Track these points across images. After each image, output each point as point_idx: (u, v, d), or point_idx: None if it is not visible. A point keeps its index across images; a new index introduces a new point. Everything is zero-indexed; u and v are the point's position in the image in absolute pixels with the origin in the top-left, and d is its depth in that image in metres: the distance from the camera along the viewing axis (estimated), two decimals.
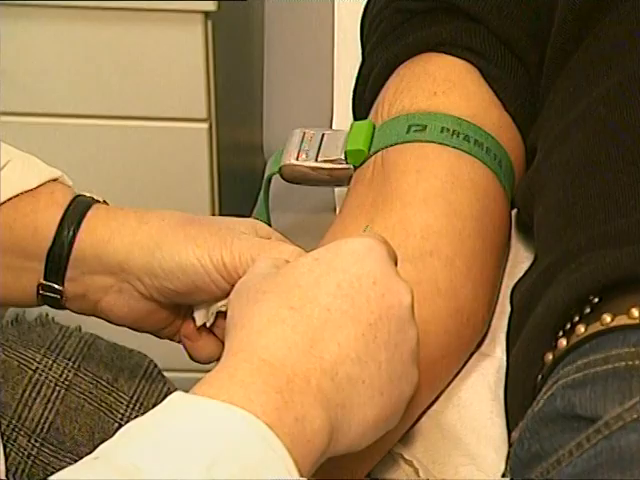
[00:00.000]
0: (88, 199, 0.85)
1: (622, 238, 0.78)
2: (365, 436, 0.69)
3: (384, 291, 0.69)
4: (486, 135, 0.90)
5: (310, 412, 0.65)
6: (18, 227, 0.83)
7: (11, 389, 0.89)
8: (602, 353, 0.75)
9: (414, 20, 0.95)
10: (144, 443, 0.60)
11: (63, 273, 0.82)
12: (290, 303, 0.68)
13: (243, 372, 0.65)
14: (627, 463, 0.70)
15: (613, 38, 0.88)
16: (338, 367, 0.67)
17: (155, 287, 0.82)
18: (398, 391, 0.70)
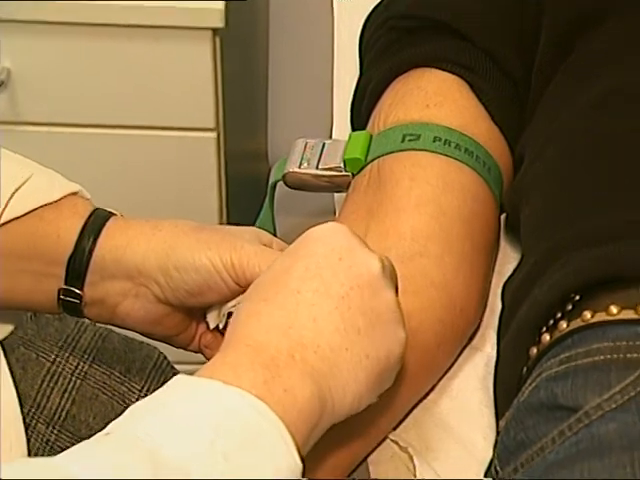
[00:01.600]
0: (106, 212, 0.85)
1: (601, 238, 0.78)
2: (363, 398, 0.70)
3: (350, 264, 0.70)
4: (476, 144, 0.90)
5: (298, 383, 0.65)
6: (41, 235, 0.83)
7: (30, 380, 0.89)
8: (583, 347, 0.75)
9: (407, 38, 0.96)
10: (152, 420, 0.61)
11: (83, 278, 0.82)
12: (264, 296, 0.70)
13: (231, 357, 0.66)
14: (606, 450, 0.70)
15: (594, 54, 0.88)
16: (318, 340, 0.67)
17: (170, 288, 0.82)
18: (385, 351, 0.70)
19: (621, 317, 0.75)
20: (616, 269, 0.76)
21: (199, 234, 0.82)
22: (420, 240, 0.86)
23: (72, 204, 0.85)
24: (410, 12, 0.97)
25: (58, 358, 0.90)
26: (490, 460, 0.79)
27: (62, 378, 0.89)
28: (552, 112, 0.89)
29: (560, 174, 0.85)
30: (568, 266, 0.78)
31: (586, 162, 0.84)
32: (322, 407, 0.66)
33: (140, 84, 1.26)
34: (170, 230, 0.83)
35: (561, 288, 0.78)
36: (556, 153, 0.86)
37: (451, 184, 0.89)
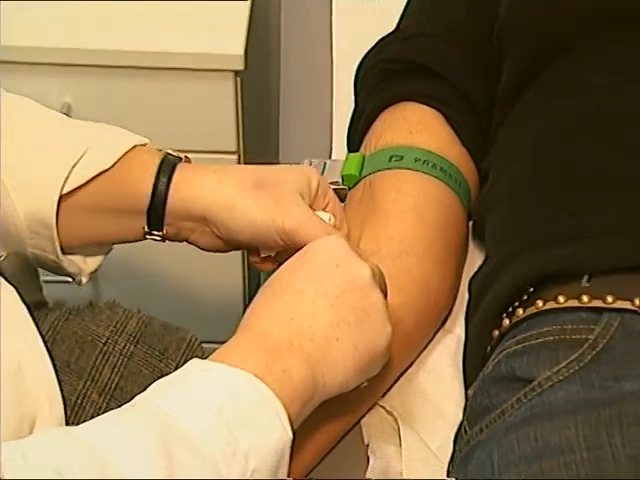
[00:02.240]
0: (172, 162, 0.82)
1: (549, 242, 0.78)
2: (350, 380, 0.70)
3: (345, 270, 0.70)
4: (449, 164, 0.90)
5: (294, 365, 0.65)
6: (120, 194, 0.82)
7: (86, 358, 0.88)
8: (536, 330, 0.75)
9: (394, 77, 0.95)
10: (169, 395, 0.62)
11: (161, 222, 0.82)
12: (273, 292, 0.70)
13: (240, 342, 0.67)
14: (555, 414, 0.70)
15: (552, 88, 0.88)
16: (314, 330, 0.67)
17: (228, 235, 0.81)
18: (371, 343, 0.70)
19: (567, 305, 0.74)
20: (562, 267, 0.76)
21: (258, 194, 0.80)
22: (405, 242, 0.86)
23: (139, 161, 0.82)
24: (396, 57, 0.96)
25: (109, 340, 0.89)
26: (460, 422, 0.79)
27: (112, 357, 0.88)
28: (512, 138, 0.89)
29: (517, 192, 0.85)
30: (524, 265, 0.78)
31: (538, 181, 0.83)
32: (314, 386, 0.67)
33: (176, 115, 1.25)
34: (232, 187, 0.80)
35: (518, 282, 0.78)
36: (516, 173, 0.86)
37: (429, 196, 0.88)
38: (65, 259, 0.83)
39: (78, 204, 0.81)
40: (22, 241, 0.81)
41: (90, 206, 0.82)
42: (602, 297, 0.73)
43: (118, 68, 1.20)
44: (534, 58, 0.89)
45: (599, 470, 0.66)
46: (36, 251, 0.81)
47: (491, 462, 0.71)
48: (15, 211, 0.79)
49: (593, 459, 0.66)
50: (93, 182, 0.80)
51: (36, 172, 0.79)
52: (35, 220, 0.79)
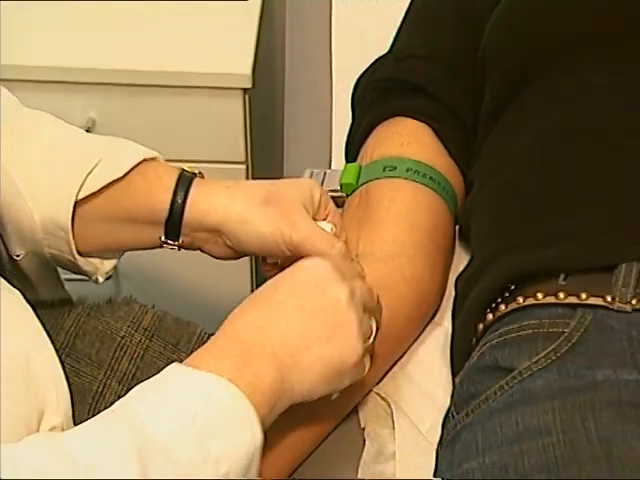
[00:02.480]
0: (188, 178, 0.82)
1: (528, 245, 0.78)
2: (317, 389, 0.68)
3: (323, 290, 0.68)
4: (438, 173, 0.90)
5: (265, 369, 0.64)
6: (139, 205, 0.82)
7: (106, 350, 0.88)
8: (517, 324, 0.75)
9: (388, 95, 0.95)
10: (147, 400, 0.60)
11: (178, 232, 0.82)
12: (253, 302, 0.69)
13: (216, 346, 0.66)
14: (534, 400, 0.70)
15: (528, 106, 0.88)
16: (287, 338, 0.66)
17: (240, 246, 0.81)
18: (340, 358, 0.68)
19: (545, 301, 0.74)
20: (540, 267, 0.76)
21: (267, 208, 0.79)
22: (398, 244, 0.86)
23: (157, 176, 0.82)
24: (390, 76, 0.96)
25: (127, 334, 0.89)
26: (448, 407, 0.79)
27: (129, 349, 0.88)
28: (494, 151, 0.89)
29: (500, 200, 0.85)
30: (505, 265, 0.78)
31: (518, 192, 0.83)
32: (283, 391, 0.65)
33: (190, 128, 1.25)
34: (243, 202, 0.80)
35: (500, 280, 0.78)
36: (498, 184, 0.86)
37: (419, 203, 0.88)
38: (81, 259, 0.82)
39: (94, 212, 0.81)
40: (38, 242, 0.80)
41: (107, 216, 0.81)
42: (577, 294, 0.73)
43: (138, 86, 1.20)
44: (512, 79, 0.89)
45: (574, 451, 0.66)
46: (53, 251, 0.81)
47: (476, 443, 0.70)
48: (30, 215, 0.78)
49: (568, 441, 0.66)
50: (107, 192, 0.80)
51: (54, 179, 0.79)
52: (52, 223, 0.79)
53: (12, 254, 0.81)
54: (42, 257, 0.82)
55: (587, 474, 0.64)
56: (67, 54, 1.20)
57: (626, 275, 0.72)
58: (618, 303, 0.72)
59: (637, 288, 0.72)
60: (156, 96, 1.21)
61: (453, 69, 0.95)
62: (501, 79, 0.90)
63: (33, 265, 0.83)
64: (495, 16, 0.93)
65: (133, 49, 1.21)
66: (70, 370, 0.87)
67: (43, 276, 0.85)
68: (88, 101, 1.21)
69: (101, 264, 0.85)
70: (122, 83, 1.20)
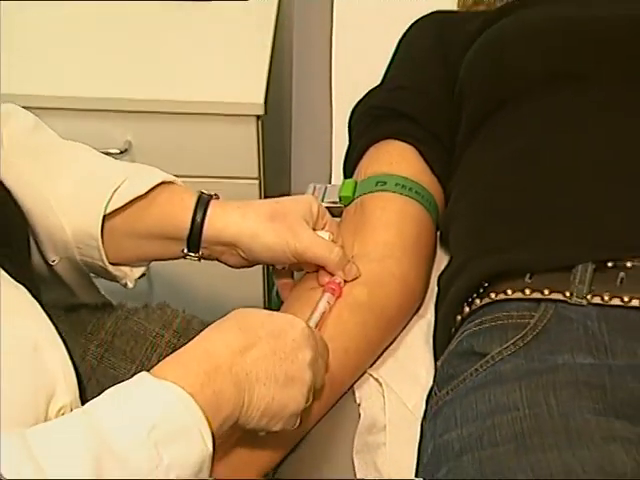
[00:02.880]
0: (205, 200, 0.81)
1: (499, 249, 0.78)
2: (253, 421, 0.65)
3: (296, 347, 0.66)
4: (422, 188, 0.90)
5: (226, 389, 0.61)
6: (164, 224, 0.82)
7: (139, 348, 0.88)
8: (490, 315, 0.75)
9: (380, 120, 0.95)
10: (113, 407, 0.58)
11: (198, 246, 0.81)
12: (239, 326, 0.66)
13: (189, 356, 0.63)
14: (504, 380, 0.70)
15: (500, 130, 0.88)
16: (252, 369, 0.63)
17: (252, 256, 0.81)
18: (284, 404, 0.65)
19: (513, 297, 0.74)
20: (509, 267, 0.76)
21: (273, 224, 0.80)
22: (387, 248, 0.85)
23: (180, 198, 0.82)
24: (382, 105, 0.96)
25: (158, 335, 0.89)
26: (431, 387, 0.79)
27: (159, 348, 0.88)
28: (467, 169, 0.89)
29: (474, 210, 0.85)
30: (480, 266, 0.78)
31: (490, 203, 0.83)
32: (234, 410, 0.62)
33: (211, 149, 1.24)
34: (254, 219, 0.80)
35: (476, 279, 0.78)
36: (471, 198, 0.86)
37: (406, 213, 0.88)
38: (111, 266, 0.82)
39: (122, 228, 0.81)
40: (70, 250, 0.79)
41: (133, 231, 0.81)
42: (540, 290, 0.73)
43: (167, 114, 1.20)
44: (484, 108, 0.89)
45: (538, 423, 0.66)
46: (85, 258, 0.80)
47: (455, 417, 0.71)
48: (61, 226, 0.78)
49: (533, 415, 0.67)
50: (132, 209, 0.80)
51: (85, 196, 0.79)
52: (84, 234, 0.79)
53: (48, 260, 0.80)
54: (75, 263, 0.81)
55: (549, 443, 0.64)
56: (106, 85, 1.19)
57: (582, 274, 0.72)
58: (575, 298, 0.72)
59: (591, 285, 0.72)
60: (183, 121, 1.21)
61: (435, 99, 0.95)
62: (475, 108, 0.90)
63: (67, 270, 0.82)
64: (470, 55, 0.93)
65: (163, 81, 1.21)
66: (107, 363, 0.87)
67: (78, 281, 0.84)
68: (125, 126, 1.21)
69: (130, 271, 0.85)
70: (154, 111, 1.19)
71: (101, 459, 0.53)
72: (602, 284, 0.71)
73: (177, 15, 1.29)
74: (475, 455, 0.66)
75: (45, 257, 0.80)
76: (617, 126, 0.81)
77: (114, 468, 0.54)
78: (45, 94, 1.16)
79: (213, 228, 0.81)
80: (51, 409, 0.61)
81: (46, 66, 1.20)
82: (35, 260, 0.79)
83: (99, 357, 0.88)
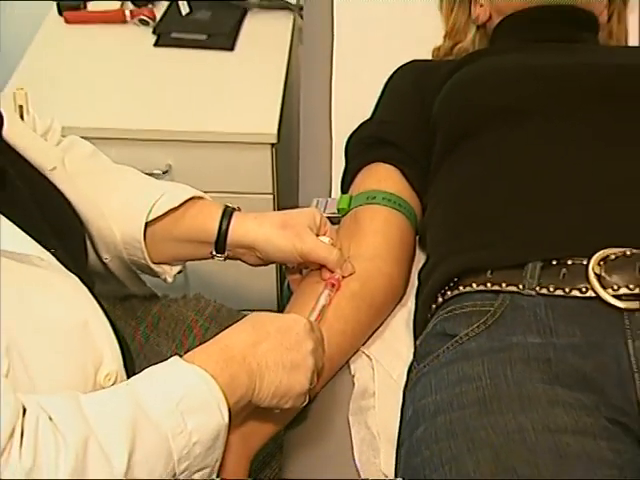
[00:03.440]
0: (229, 212, 0.81)
1: (465, 250, 0.78)
2: (265, 401, 0.64)
3: (299, 340, 0.66)
4: (404, 201, 0.89)
5: (240, 374, 0.61)
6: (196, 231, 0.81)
7: (178, 330, 0.88)
8: (459, 304, 0.75)
9: (370, 147, 0.95)
10: (150, 382, 0.58)
11: (223, 249, 0.81)
12: (252, 325, 0.66)
13: (213, 348, 0.63)
14: (470, 357, 0.70)
15: (464, 155, 0.86)
16: (262, 359, 0.63)
17: (266, 257, 0.81)
18: (289, 387, 0.64)
19: (477, 289, 0.74)
20: (474, 265, 0.75)
21: (284, 231, 0.79)
22: (377, 249, 0.85)
23: (208, 210, 0.82)
24: (371, 135, 0.96)
25: (193, 320, 0.88)
26: (411, 361, 0.78)
27: (194, 330, 0.88)
28: (438, 187, 0.89)
29: (445, 219, 0.85)
30: (451, 264, 0.78)
31: (458, 213, 0.83)
32: (247, 392, 0.62)
33: (233, 171, 1.23)
34: (269, 227, 0.80)
35: (447, 275, 0.77)
36: (441, 211, 0.86)
37: (391, 221, 0.88)
38: (153, 264, 0.82)
39: (160, 234, 0.80)
40: (119, 250, 0.80)
41: (170, 236, 0.81)
42: (499, 284, 0.73)
43: (199, 142, 1.19)
44: (453, 137, 0.89)
45: (496, 391, 0.66)
46: (132, 257, 0.81)
47: (430, 386, 0.71)
48: (111, 231, 0.79)
49: (493, 384, 0.67)
50: (168, 218, 0.80)
51: (132, 206, 0.80)
52: (130, 238, 0.79)
53: (102, 258, 0.81)
54: (124, 261, 0.81)
55: (505, 407, 0.65)
56: (150, 119, 1.19)
57: (532, 271, 0.72)
58: (526, 290, 0.71)
59: (539, 279, 0.71)
60: (212, 148, 1.20)
61: (413, 130, 0.95)
62: (445, 137, 0.90)
63: (118, 267, 0.82)
64: (441, 96, 0.93)
65: (196, 115, 1.20)
66: (153, 342, 0.88)
67: (127, 275, 0.84)
68: (166, 151, 1.20)
69: (170, 269, 0.85)
70: (189, 140, 1.19)
71: (138, 422, 0.54)
72: (548, 278, 0.71)
73: (209, 60, 1.29)
74: (447, 416, 0.66)
75: (99, 256, 0.80)
76: (557, 152, 0.80)
77: (148, 430, 0.54)
78: (100, 127, 1.16)
79: (235, 234, 0.81)
80: (99, 375, 0.61)
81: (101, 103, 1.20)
82: (92, 258, 0.81)
83: (146, 337, 0.88)
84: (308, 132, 1.13)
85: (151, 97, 1.22)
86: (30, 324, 0.56)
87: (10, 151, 0.67)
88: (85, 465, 0.50)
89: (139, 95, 1.22)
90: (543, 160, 0.80)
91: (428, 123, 0.93)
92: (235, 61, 1.29)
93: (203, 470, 0.59)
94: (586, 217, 0.74)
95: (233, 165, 1.22)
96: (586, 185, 0.76)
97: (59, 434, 0.51)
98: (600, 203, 0.74)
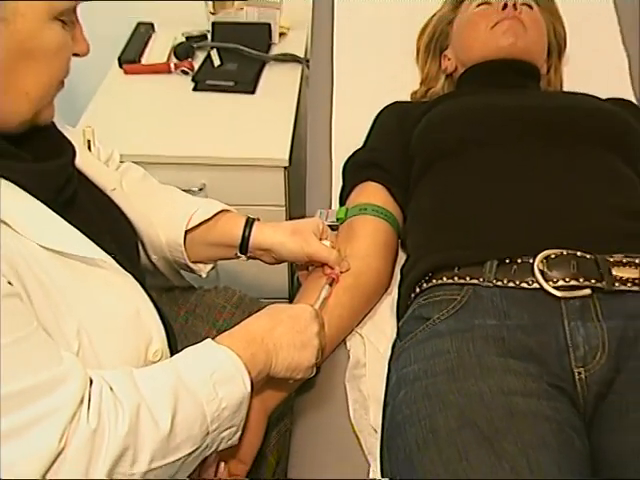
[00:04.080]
0: (251, 221, 0.81)
1: (437, 251, 0.77)
2: (280, 373, 0.64)
3: (307, 324, 0.66)
4: (389, 212, 0.88)
5: (259, 353, 0.61)
6: (226, 237, 0.81)
7: (211, 314, 0.87)
8: (432, 294, 0.74)
9: (361, 170, 0.94)
10: (191, 359, 0.58)
11: (246, 251, 0.81)
12: (269, 314, 0.66)
13: (238, 332, 0.63)
14: (441, 335, 0.70)
15: (435, 176, 0.85)
16: (278, 340, 0.63)
17: (280, 257, 0.81)
18: (299, 363, 0.64)
19: (447, 282, 0.74)
20: (445, 263, 0.75)
21: (294, 237, 0.79)
22: (367, 250, 0.84)
23: (234, 220, 0.81)
24: (362, 160, 0.95)
25: (222, 306, 0.88)
26: (394, 339, 0.77)
27: (224, 314, 0.87)
28: (416, 202, 0.88)
29: (421, 227, 0.84)
30: (427, 262, 0.77)
31: (432, 222, 0.82)
32: (265, 367, 0.62)
33: (254, 187, 1.21)
34: (282, 234, 0.79)
35: (423, 270, 0.77)
36: (420, 218, 0.85)
37: (379, 228, 0.87)
38: (191, 263, 0.81)
39: (197, 239, 0.80)
40: (164, 252, 0.80)
41: (205, 241, 0.80)
42: (464, 277, 0.73)
43: (226, 166, 1.18)
44: (424, 164, 0.88)
45: (461, 362, 0.66)
46: (174, 258, 0.80)
47: (410, 358, 0.70)
48: (158, 237, 0.78)
49: (458, 357, 0.67)
50: (203, 227, 0.79)
51: (174, 217, 0.79)
52: (173, 242, 0.79)
53: (151, 259, 0.80)
54: (168, 261, 0.81)
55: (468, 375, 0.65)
56: (189, 147, 1.19)
57: (490, 267, 0.72)
58: (486, 282, 0.71)
59: (495, 274, 0.71)
60: (237, 170, 1.19)
61: (396, 157, 0.93)
62: (420, 162, 0.89)
63: (164, 265, 0.82)
64: (417, 130, 0.93)
65: (225, 143, 1.19)
66: (191, 324, 0.87)
67: (170, 272, 0.84)
68: (201, 173, 1.19)
69: (204, 266, 0.85)
70: (219, 164, 1.18)
71: (179, 392, 0.54)
72: (502, 273, 0.71)
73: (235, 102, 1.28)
74: (422, 382, 0.67)
75: (149, 257, 0.81)
76: (508, 172, 0.80)
77: (187, 398, 0.55)
78: (150, 154, 1.16)
79: (256, 240, 0.81)
80: (149, 352, 0.62)
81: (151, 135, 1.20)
82: (143, 259, 0.81)
83: (186, 320, 0.88)
84: (313, 157, 1.13)
85: (190, 130, 1.22)
86: (95, 313, 0.57)
87: (80, 176, 0.67)
88: (138, 426, 0.51)
89: (180, 129, 1.22)
90: (497, 179, 0.80)
91: (407, 151, 0.92)
92: (256, 102, 1.29)
93: (230, 429, 0.59)
94: (532, 225, 0.73)
95: (254, 183, 1.22)
96: (531, 199, 0.76)
97: (118, 401, 0.51)
98: (543, 213, 0.74)
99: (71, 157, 0.63)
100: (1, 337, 0.47)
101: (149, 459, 0.51)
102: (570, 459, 0.58)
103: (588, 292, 0.67)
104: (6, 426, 0.46)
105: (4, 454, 0.46)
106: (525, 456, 0.56)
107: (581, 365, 0.65)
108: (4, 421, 0.46)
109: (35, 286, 0.52)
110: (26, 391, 0.47)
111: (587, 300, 0.67)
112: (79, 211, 0.62)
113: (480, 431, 0.59)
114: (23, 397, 0.47)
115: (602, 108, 0.86)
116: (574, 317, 0.67)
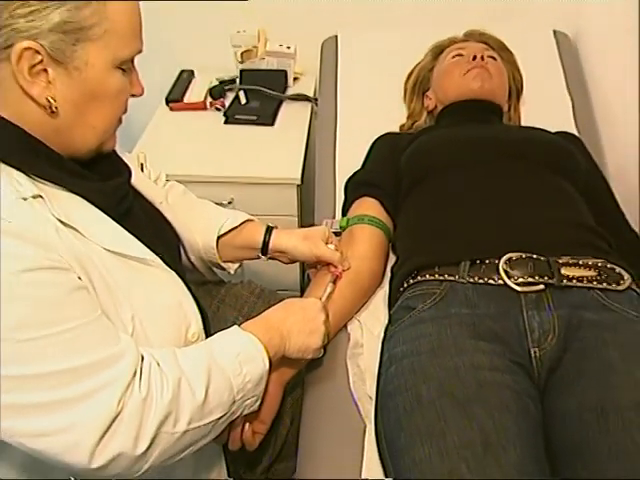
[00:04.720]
0: (270, 228, 0.79)
1: (420, 253, 0.77)
2: (293, 354, 0.64)
3: (315, 314, 0.66)
4: (382, 222, 0.87)
5: (275, 337, 0.62)
6: (250, 241, 0.80)
7: (238, 303, 0.85)
8: (417, 288, 0.74)
9: (359, 187, 0.92)
10: (222, 341, 0.58)
11: (266, 253, 0.80)
12: (285, 307, 0.66)
13: (259, 321, 0.63)
14: (424, 321, 0.69)
15: (418, 194, 0.84)
16: (290, 327, 0.63)
17: (294, 258, 0.80)
18: (307, 346, 0.64)
19: (429, 279, 0.73)
20: (427, 263, 0.75)
21: (305, 241, 0.77)
22: (364, 252, 0.83)
23: (256, 228, 0.79)
24: (360, 179, 0.94)
25: (247, 297, 0.87)
26: (386, 324, 0.76)
27: (248, 304, 0.86)
28: (404, 214, 0.88)
29: (408, 235, 0.84)
30: (413, 262, 0.77)
31: (416, 231, 0.81)
32: (280, 349, 0.62)
33: (272, 201, 1.21)
34: (296, 238, 0.78)
35: (409, 269, 0.76)
36: (408, 227, 0.85)
37: (374, 235, 0.85)
38: (222, 263, 0.81)
39: (227, 243, 0.80)
40: (201, 254, 0.79)
41: (233, 245, 0.80)
42: (443, 275, 0.72)
43: (248, 184, 1.18)
44: (410, 184, 0.87)
45: (440, 343, 0.66)
46: (209, 258, 0.80)
47: (399, 340, 0.70)
48: (196, 241, 0.78)
49: (438, 339, 0.67)
50: (232, 233, 0.79)
51: (208, 227, 0.79)
52: (207, 246, 0.78)
53: (190, 259, 0.80)
54: (204, 261, 0.81)
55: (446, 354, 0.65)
56: (220, 168, 1.18)
57: (464, 267, 0.72)
58: (460, 279, 0.71)
59: (469, 272, 0.71)
60: (258, 187, 1.19)
61: (388, 177, 0.92)
62: (407, 183, 0.88)
63: (200, 264, 0.81)
64: (404, 157, 0.93)
65: (250, 165, 1.19)
66: (221, 312, 0.87)
67: (205, 269, 0.83)
68: (230, 189, 1.19)
69: (232, 265, 0.84)
70: (245, 182, 1.18)
71: (211, 368, 0.55)
72: (474, 272, 0.71)
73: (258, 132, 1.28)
74: (410, 359, 0.66)
75: (188, 257, 0.80)
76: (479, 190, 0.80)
77: (218, 373, 0.56)
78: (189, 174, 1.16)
79: (274, 244, 0.80)
80: (188, 334, 0.62)
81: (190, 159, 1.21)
82: (183, 259, 0.81)
83: (217, 308, 0.88)
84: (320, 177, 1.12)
85: (221, 155, 1.23)
86: (146, 303, 0.57)
87: (135, 192, 0.68)
88: (179, 395, 0.52)
89: (214, 154, 1.23)
90: (470, 195, 0.80)
91: (398, 172, 0.92)
92: (274, 132, 1.29)
93: (252, 398, 0.59)
94: (498, 233, 0.74)
95: (272, 198, 1.22)
96: (498, 210, 0.76)
97: (163, 375, 0.53)
98: (507, 224, 0.75)
99: (128, 177, 0.64)
100: (73, 321, 0.48)
101: (187, 421, 0.52)
102: (527, 420, 0.59)
103: (542, 287, 0.68)
104: (77, 392, 0.48)
105: (75, 415, 0.47)
106: (491, 418, 0.58)
107: (536, 346, 0.66)
108: (76, 387, 0.47)
109: (99, 281, 0.53)
110: (92, 364, 0.49)
111: (541, 294, 0.68)
112: (134, 220, 0.62)
113: (455, 398, 0.60)
114: (90, 369, 0.48)
115: (552, 140, 0.88)
116: (531, 307, 0.68)
